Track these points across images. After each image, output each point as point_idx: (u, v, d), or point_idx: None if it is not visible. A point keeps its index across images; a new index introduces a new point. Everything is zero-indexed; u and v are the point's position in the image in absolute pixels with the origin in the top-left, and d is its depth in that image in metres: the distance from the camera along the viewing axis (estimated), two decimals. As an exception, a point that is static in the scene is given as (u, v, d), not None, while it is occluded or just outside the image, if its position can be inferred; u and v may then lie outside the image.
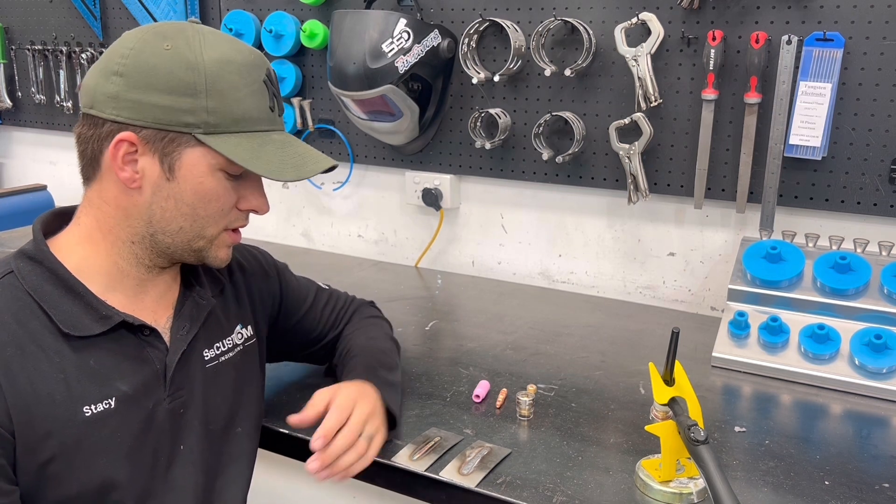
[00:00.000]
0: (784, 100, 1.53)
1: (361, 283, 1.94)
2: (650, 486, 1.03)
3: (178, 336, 1.01)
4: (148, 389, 0.97)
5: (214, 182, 0.95)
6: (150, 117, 0.91)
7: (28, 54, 2.61)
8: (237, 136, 0.94)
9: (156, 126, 0.91)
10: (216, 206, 0.96)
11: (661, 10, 1.63)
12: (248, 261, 1.20)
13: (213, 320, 1.08)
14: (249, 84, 0.94)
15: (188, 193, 0.94)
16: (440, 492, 1.08)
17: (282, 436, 1.21)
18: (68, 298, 0.93)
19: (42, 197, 2.57)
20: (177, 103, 0.90)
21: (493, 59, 1.84)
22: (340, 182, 2.20)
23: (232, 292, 1.14)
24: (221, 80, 0.92)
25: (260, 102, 0.96)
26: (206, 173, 0.94)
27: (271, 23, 2.04)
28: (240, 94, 0.93)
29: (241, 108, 0.94)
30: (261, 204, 1.02)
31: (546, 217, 1.93)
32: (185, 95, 0.90)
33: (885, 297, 1.42)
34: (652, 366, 1.06)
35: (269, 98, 0.98)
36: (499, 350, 1.52)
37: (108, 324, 0.94)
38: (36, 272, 0.93)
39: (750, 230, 1.68)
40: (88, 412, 0.91)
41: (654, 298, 1.83)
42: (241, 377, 1.11)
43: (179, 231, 0.96)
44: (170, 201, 0.94)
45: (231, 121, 0.93)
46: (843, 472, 1.10)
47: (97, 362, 0.93)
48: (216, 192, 0.95)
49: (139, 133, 0.91)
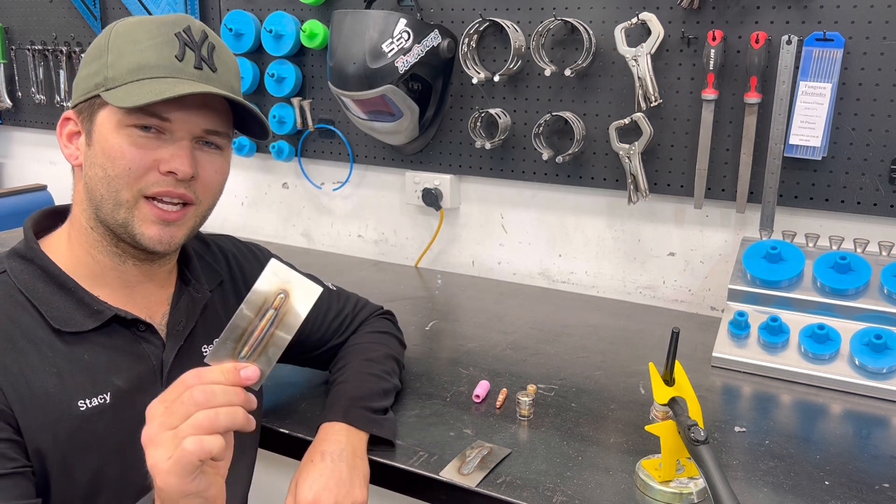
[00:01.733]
0: (784, 100, 1.53)
1: (361, 283, 1.94)
2: (650, 486, 1.03)
3: (174, 331, 1.01)
4: (143, 385, 0.96)
5: (119, 138, 0.91)
6: (80, 91, 0.94)
7: (28, 54, 2.61)
8: (131, 84, 0.90)
9: (83, 98, 0.94)
10: (122, 163, 0.91)
11: (661, 10, 1.63)
12: (245, 256, 1.20)
13: (211, 315, 1.08)
14: (155, 37, 0.92)
15: (99, 155, 0.92)
16: (440, 492, 1.08)
17: (282, 436, 1.21)
18: (60, 295, 0.93)
19: (42, 197, 2.57)
20: (91, 69, 0.93)
21: (493, 59, 1.84)
22: (340, 182, 2.20)
23: (231, 288, 1.14)
24: (124, 36, 0.93)
25: (163, 52, 0.92)
26: (111, 130, 0.91)
27: (271, 23, 2.04)
28: (139, 47, 0.92)
29: (137, 58, 0.91)
30: (179, 164, 0.92)
31: (546, 217, 1.93)
32: (96, 59, 0.93)
33: (885, 297, 1.42)
34: (652, 366, 1.06)
35: (180, 48, 0.92)
36: (499, 350, 1.52)
37: (100, 318, 0.94)
38: (27, 271, 0.93)
39: (750, 230, 1.68)
40: (83, 406, 0.91)
41: (654, 298, 1.83)
42: None
43: (102, 200, 0.93)
44: (92, 168, 0.93)
45: (126, 71, 0.91)
46: (843, 472, 1.10)
47: (91, 357, 0.93)
48: (121, 148, 0.91)
49: (75, 109, 0.95)
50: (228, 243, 1.20)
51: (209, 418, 0.73)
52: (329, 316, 1.27)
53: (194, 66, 0.93)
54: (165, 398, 0.75)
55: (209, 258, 1.13)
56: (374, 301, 1.38)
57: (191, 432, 0.72)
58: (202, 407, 0.73)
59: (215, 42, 0.96)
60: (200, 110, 0.93)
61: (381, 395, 1.17)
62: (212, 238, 1.18)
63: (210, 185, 0.98)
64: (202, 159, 0.95)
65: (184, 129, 0.93)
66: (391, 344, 1.29)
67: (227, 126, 0.98)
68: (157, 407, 0.75)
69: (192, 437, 0.71)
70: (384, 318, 1.35)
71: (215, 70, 0.95)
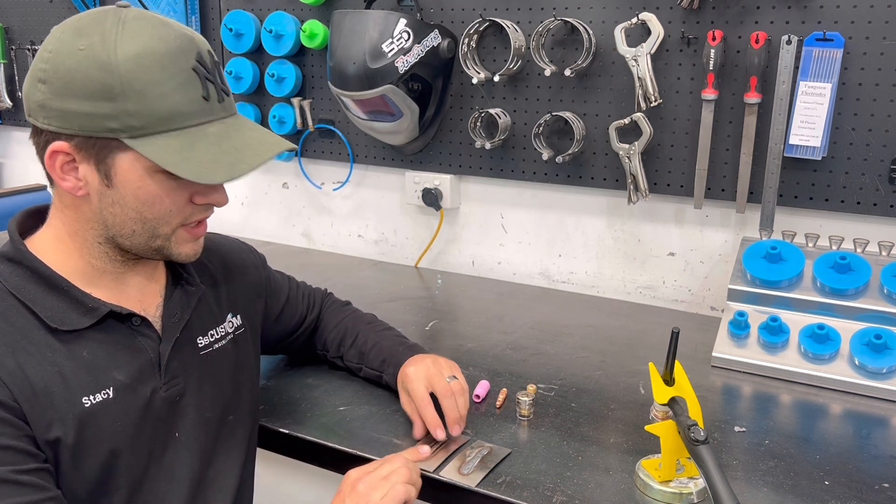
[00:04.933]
0: (784, 100, 1.53)
1: (361, 283, 1.94)
2: (650, 486, 1.03)
3: (169, 324, 1.02)
4: (143, 378, 0.97)
5: (155, 185, 0.90)
6: (76, 125, 0.86)
7: (28, 54, 2.62)
8: (166, 135, 0.87)
9: (84, 134, 0.86)
10: (162, 208, 0.92)
11: (661, 10, 1.63)
12: (234, 252, 1.21)
13: (204, 308, 1.08)
14: (174, 76, 0.87)
15: (130, 199, 0.90)
16: (440, 492, 1.08)
17: (282, 436, 1.21)
18: (53, 295, 0.93)
19: (42, 197, 2.57)
20: (97, 109, 0.85)
21: (493, 59, 1.84)
22: (340, 182, 2.20)
23: (223, 280, 1.15)
24: (139, 78, 0.85)
25: (189, 94, 0.88)
26: (143, 177, 0.89)
27: (271, 23, 2.04)
28: (163, 90, 0.86)
29: (167, 104, 0.87)
30: (218, 198, 0.95)
31: (546, 217, 1.93)
32: (104, 100, 0.85)
33: (885, 297, 1.42)
34: (652, 366, 1.06)
35: (202, 86, 0.89)
36: (499, 350, 1.52)
37: (95, 316, 0.94)
38: (17, 273, 0.93)
39: (750, 230, 1.68)
40: (88, 403, 0.91)
41: (654, 298, 1.83)
42: (235, 365, 1.12)
43: (133, 234, 0.93)
44: (116, 207, 0.91)
45: (157, 120, 0.86)
46: (843, 472, 1.10)
47: (90, 354, 0.93)
48: (158, 194, 0.90)
49: (71, 142, 0.87)
50: (217, 237, 1.21)
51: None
52: (300, 298, 1.35)
53: (218, 101, 0.92)
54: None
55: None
56: (374, 301, 1.39)
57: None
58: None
59: (214, 54, 0.95)
60: None
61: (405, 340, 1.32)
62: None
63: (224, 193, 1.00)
64: None
65: None
66: (358, 310, 1.42)
67: None
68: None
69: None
70: (330, 294, 1.45)
71: (228, 94, 0.96)
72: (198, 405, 1.04)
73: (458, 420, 1.15)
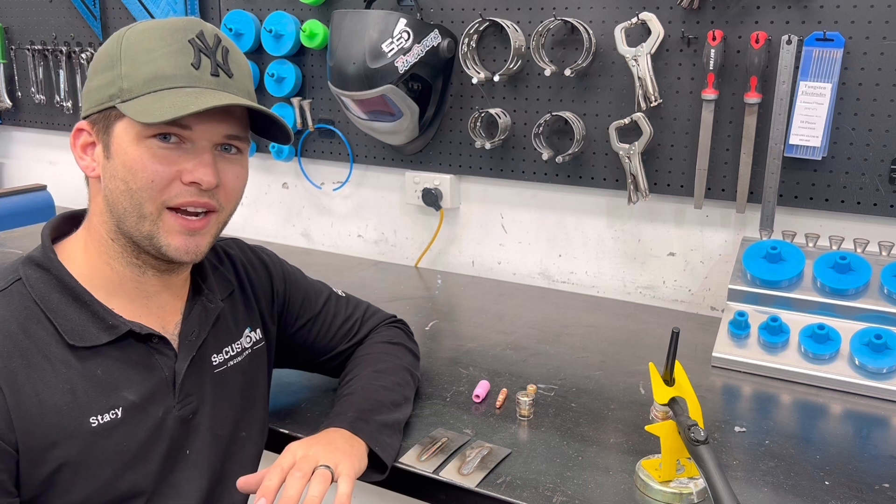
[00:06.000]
0: (784, 100, 1.53)
1: (361, 283, 1.94)
2: (650, 486, 1.03)
3: (187, 342, 1.00)
4: (156, 397, 0.96)
5: (140, 151, 0.89)
6: (93, 101, 0.92)
7: (28, 54, 2.61)
8: (149, 96, 0.89)
9: (96, 109, 0.92)
10: (145, 176, 0.90)
11: (661, 10, 1.63)
12: (252, 262, 1.19)
13: (221, 324, 1.07)
14: (168, 45, 0.90)
15: (119, 168, 0.91)
16: (440, 492, 1.08)
17: (284, 437, 1.21)
18: (75, 307, 0.92)
19: (42, 197, 2.57)
20: (104, 79, 0.91)
21: (493, 59, 1.84)
22: (340, 182, 2.20)
23: (240, 296, 1.13)
24: (136, 45, 0.90)
25: (178, 60, 0.90)
26: (131, 143, 0.90)
27: (271, 23, 2.04)
28: (153, 56, 0.90)
29: (153, 67, 0.89)
30: (203, 174, 0.91)
31: (546, 217, 1.93)
32: (108, 69, 0.91)
33: (885, 297, 1.42)
34: (652, 366, 1.06)
35: (195, 56, 0.91)
36: (499, 350, 1.52)
37: (115, 333, 0.93)
38: (43, 280, 0.92)
39: (750, 230, 1.68)
40: (95, 423, 0.90)
41: (654, 298, 1.83)
42: (248, 382, 1.10)
43: (125, 213, 0.92)
44: (113, 181, 0.91)
45: (143, 82, 0.89)
46: (843, 472, 1.10)
47: (104, 372, 0.92)
48: (142, 161, 0.89)
49: (89, 119, 0.93)
50: (236, 249, 1.18)
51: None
52: (337, 321, 1.25)
53: (211, 74, 0.92)
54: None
55: (220, 267, 1.12)
56: (374, 301, 1.38)
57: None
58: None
59: (228, 46, 0.95)
60: (220, 117, 0.92)
61: (391, 408, 1.12)
62: (220, 244, 1.16)
63: (232, 191, 0.98)
64: (223, 166, 0.95)
65: (205, 138, 0.92)
66: (402, 355, 1.25)
67: (245, 130, 0.98)
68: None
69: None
70: (395, 327, 1.31)
71: (231, 76, 0.94)
72: (210, 423, 1.02)
73: (289, 500, 0.90)
